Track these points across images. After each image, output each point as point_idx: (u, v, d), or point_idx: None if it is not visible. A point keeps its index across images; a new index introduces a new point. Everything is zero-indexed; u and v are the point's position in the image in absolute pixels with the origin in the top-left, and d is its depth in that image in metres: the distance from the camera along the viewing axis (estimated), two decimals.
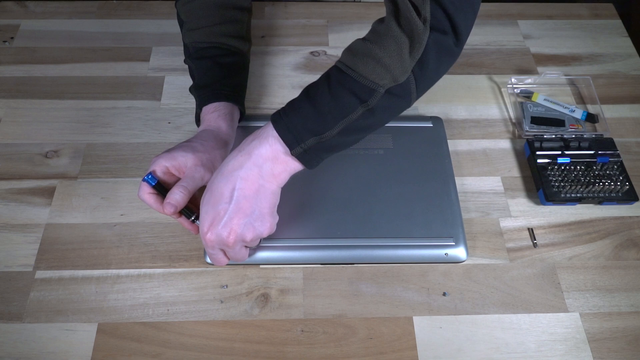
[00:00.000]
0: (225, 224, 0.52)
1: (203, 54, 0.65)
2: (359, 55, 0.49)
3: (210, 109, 0.63)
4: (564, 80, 0.82)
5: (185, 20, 0.66)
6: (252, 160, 0.51)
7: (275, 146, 0.51)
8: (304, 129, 0.50)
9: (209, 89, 0.64)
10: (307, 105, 0.51)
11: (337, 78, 0.50)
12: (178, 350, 0.56)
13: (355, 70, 0.49)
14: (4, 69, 0.80)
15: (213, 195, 0.52)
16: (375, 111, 0.50)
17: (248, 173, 0.51)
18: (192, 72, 0.67)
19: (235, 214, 0.52)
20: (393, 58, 0.48)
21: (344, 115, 0.50)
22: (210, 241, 0.53)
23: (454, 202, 0.65)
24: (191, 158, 0.57)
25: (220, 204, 0.52)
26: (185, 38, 0.67)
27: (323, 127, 0.50)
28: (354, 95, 0.49)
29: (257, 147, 0.51)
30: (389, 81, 0.49)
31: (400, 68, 0.49)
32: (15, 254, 0.62)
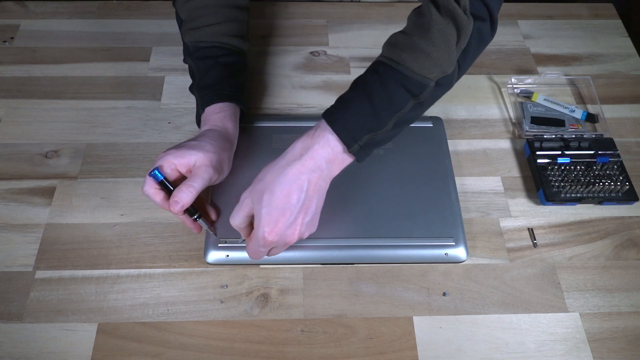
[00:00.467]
0: (290, 225, 0.53)
1: (204, 54, 0.65)
2: (406, 50, 0.50)
3: (214, 109, 0.63)
4: (564, 80, 0.82)
5: (185, 19, 0.66)
6: (316, 163, 0.52)
7: (336, 148, 0.53)
8: (361, 127, 0.52)
9: (211, 89, 0.64)
10: (362, 103, 0.52)
11: (388, 75, 0.51)
12: (178, 350, 0.56)
13: (405, 65, 0.50)
14: (4, 69, 0.80)
15: (276, 196, 0.52)
16: (423, 103, 0.53)
17: (312, 176, 0.52)
18: (192, 72, 0.67)
19: (299, 215, 0.53)
20: (441, 51, 0.49)
21: (396, 110, 0.52)
22: (271, 241, 0.53)
23: (454, 202, 0.65)
24: (201, 157, 0.57)
25: (287, 206, 0.52)
26: (185, 37, 0.67)
27: (378, 124, 0.52)
28: (407, 91, 0.51)
29: (318, 150, 0.52)
30: (437, 74, 0.51)
31: (448, 60, 0.50)
32: (15, 254, 0.62)
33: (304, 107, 0.78)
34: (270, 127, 0.72)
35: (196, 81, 0.66)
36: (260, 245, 0.54)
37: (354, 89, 0.54)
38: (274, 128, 0.72)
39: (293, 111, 0.77)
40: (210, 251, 0.61)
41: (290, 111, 0.77)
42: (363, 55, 0.84)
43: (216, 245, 0.61)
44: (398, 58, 0.51)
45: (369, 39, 0.87)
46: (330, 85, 0.80)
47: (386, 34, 0.87)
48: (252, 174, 0.66)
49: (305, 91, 0.80)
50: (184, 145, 0.58)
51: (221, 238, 0.61)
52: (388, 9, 0.91)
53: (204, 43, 0.65)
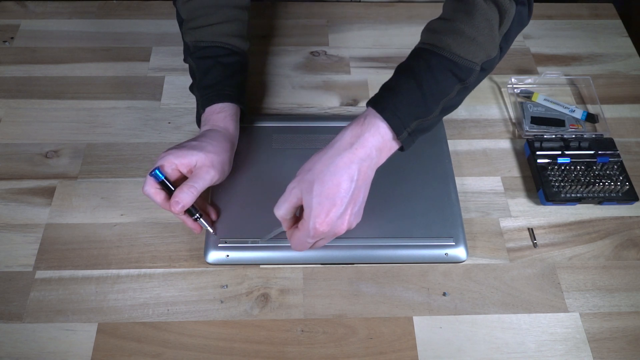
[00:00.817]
0: (341, 216, 0.51)
1: (205, 54, 0.65)
2: (451, 36, 0.51)
3: (215, 109, 0.63)
4: (564, 80, 0.82)
5: (185, 19, 0.66)
6: (367, 151, 0.51)
7: (386, 135, 0.52)
8: (410, 113, 0.52)
9: (212, 89, 0.64)
10: (411, 90, 0.52)
11: (435, 61, 0.51)
12: (178, 350, 0.56)
13: (451, 51, 0.51)
14: (4, 69, 0.80)
15: (327, 186, 0.50)
16: (468, 87, 0.54)
17: (362, 165, 0.51)
18: (192, 72, 0.67)
19: (349, 205, 0.52)
20: (486, 35, 0.50)
21: (443, 96, 0.52)
22: (321, 232, 0.52)
23: (454, 202, 0.65)
24: (202, 158, 0.57)
25: (338, 195, 0.51)
26: (185, 37, 0.67)
27: (427, 110, 0.52)
28: (454, 76, 0.52)
29: (369, 138, 0.51)
30: (482, 58, 0.52)
31: (492, 44, 0.51)
32: (15, 254, 0.62)
33: (304, 107, 0.78)
34: (270, 127, 0.72)
35: (196, 81, 0.66)
36: (310, 236, 0.52)
37: (401, 76, 0.53)
38: (274, 128, 0.72)
39: (293, 111, 0.77)
40: (210, 251, 0.61)
41: (290, 111, 0.77)
42: (363, 55, 0.84)
43: (216, 245, 0.61)
44: (442, 44, 0.51)
45: (369, 39, 0.87)
46: (330, 85, 0.80)
47: (386, 34, 0.87)
48: (252, 174, 0.67)
49: (305, 91, 0.80)
50: (185, 146, 0.58)
51: (221, 238, 0.61)
52: (388, 9, 0.91)
53: (205, 43, 0.65)
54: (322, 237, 0.53)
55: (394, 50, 0.85)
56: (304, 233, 0.52)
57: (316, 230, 0.51)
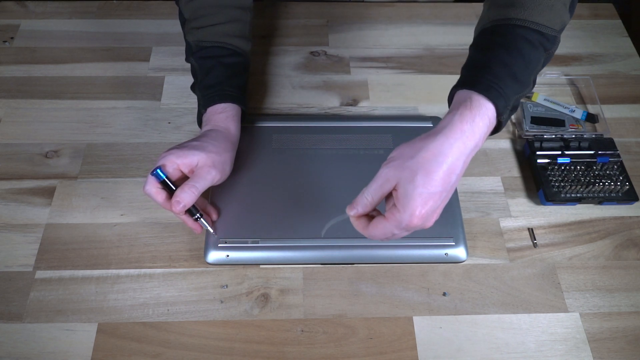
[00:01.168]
0: (435, 210, 0.47)
1: (207, 54, 0.65)
2: (529, 6, 0.50)
3: (217, 109, 0.63)
4: (564, 80, 0.82)
5: (188, 18, 0.66)
6: (476, 140, 0.48)
7: (492, 117, 0.49)
8: (512, 90, 0.49)
9: (214, 90, 0.64)
10: (508, 66, 0.49)
11: (520, 33, 0.50)
12: (178, 350, 0.56)
13: (534, 21, 0.50)
14: (4, 69, 0.80)
15: (432, 178, 0.46)
16: (550, 57, 0.52)
17: (469, 157, 0.48)
18: (194, 71, 0.67)
19: (444, 199, 0.48)
20: (560, 1, 0.50)
21: (535, 68, 0.51)
22: (415, 225, 0.47)
23: (454, 202, 0.65)
24: (204, 158, 0.57)
25: (442, 188, 0.46)
26: (187, 36, 0.67)
27: (523, 85, 0.50)
28: (541, 46, 0.51)
29: (479, 124, 0.48)
30: (560, 24, 0.51)
31: (565, 9, 0.51)
32: (15, 254, 0.62)
33: (304, 107, 0.78)
34: (270, 127, 0.72)
35: (198, 81, 0.66)
36: (402, 227, 0.47)
37: (490, 54, 0.51)
38: (274, 128, 0.72)
39: (293, 111, 0.77)
40: (210, 251, 0.61)
41: (290, 111, 0.77)
42: (363, 55, 0.84)
43: (216, 245, 0.61)
44: (524, 16, 0.50)
45: (369, 39, 0.87)
46: (330, 85, 0.80)
47: (386, 34, 0.87)
48: (253, 174, 0.67)
49: (305, 91, 0.80)
50: (187, 145, 0.58)
51: (221, 238, 0.61)
52: (388, 9, 0.91)
53: (207, 43, 0.65)
54: (413, 230, 0.49)
55: (394, 50, 0.85)
56: (394, 223, 0.47)
57: (410, 222, 0.46)
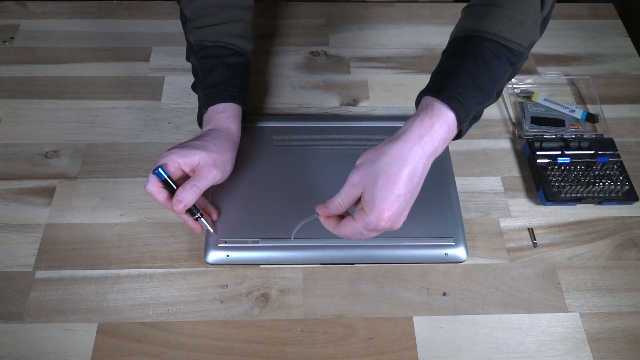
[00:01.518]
0: (402, 212, 0.50)
1: (208, 53, 0.65)
2: (500, 21, 0.51)
3: (218, 109, 0.63)
4: (564, 80, 0.82)
5: (189, 18, 0.66)
6: (434, 145, 0.50)
7: (452, 124, 0.51)
8: (473, 101, 0.51)
9: (215, 89, 0.64)
10: (472, 77, 0.51)
11: (488, 46, 0.52)
12: (178, 350, 0.56)
13: (503, 36, 0.51)
14: (4, 69, 0.80)
15: (393, 181, 0.48)
16: (516, 71, 0.55)
17: (428, 161, 0.50)
18: (195, 71, 0.67)
19: (410, 200, 0.50)
20: (532, 19, 0.52)
21: (498, 81, 0.53)
22: (382, 228, 0.49)
23: (454, 202, 0.65)
24: (205, 157, 0.57)
25: (403, 192, 0.48)
26: (189, 36, 0.67)
27: (486, 95, 0.52)
28: (507, 60, 0.52)
29: (438, 130, 0.50)
30: (530, 40, 0.53)
31: (535, 27, 0.53)
32: (15, 254, 0.62)
33: (304, 107, 0.78)
34: (270, 127, 0.72)
35: (199, 80, 0.66)
36: (370, 229, 0.49)
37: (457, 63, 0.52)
38: (274, 128, 0.72)
39: (293, 111, 0.77)
40: (210, 251, 0.61)
41: (290, 111, 0.77)
42: (363, 55, 0.84)
43: (216, 245, 0.61)
44: (493, 29, 0.51)
45: (369, 39, 0.87)
46: (330, 85, 0.80)
47: (386, 34, 0.87)
48: (253, 174, 0.67)
49: (305, 91, 0.80)
50: (188, 145, 0.58)
51: (221, 238, 0.61)
52: (388, 9, 0.91)
53: (209, 42, 0.65)
54: (381, 232, 0.51)
55: (394, 50, 0.85)
56: (361, 225, 0.50)
57: (377, 225, 0.49)
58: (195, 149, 0.57)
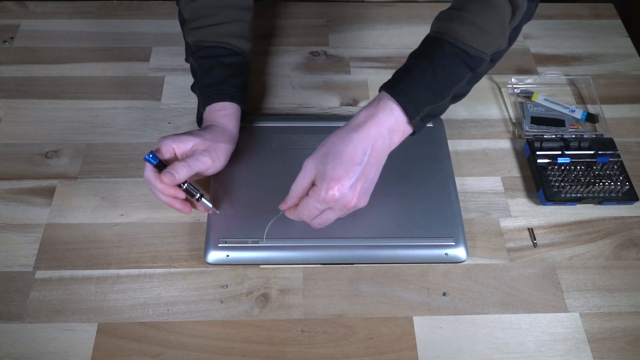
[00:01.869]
0: (352, 186, 0.52)
1: (206, 53, 0.65)
2: (465, 27, 0.53)
3: (215, 107, 0.64)
4: (564, 80, 0.82)
5: (188, 19, 0.66)
6: (380, 131, 0.53)
7: (399, 117, 0.54)
8: (423, 99, 0.54)
9: (213, 89, 0.64)
10: (425, 77, 0.54)
11: (447, 49, 0.54)
12: (178, 350, 0.56)
13: (464, 41, 0.53)
14: (4, 69, 0.80)
15: (340, 156, 0.52)
16: (478, 76, 0.57)
17: (376, 142, 0.53)
18: (194, 71, 0.67)
19: (360, 178, 0.52)
20: (497, 28, 0.54)
21: (455, 84, 0.55)
22: (332, 198, 0.52)
23: (454, 202, 0.65)
24: (198, 143, 0.58)
25: (352, 164, 0.52)
26: (187, 36, 0.67)
27: (439, 96, 0.55)
28: (466, 65, 0.54)
29: (383, 118, 0.53)
30: (493, 49, 0.55)
31: (502, 37, 0.55)
32: (15, 254, 0.62)
33: (304, 107, 0.78)
34: (270, 127, 0.72)
35: (198, 80, 0.66)
36: (320, 200, 0.52)
37: (415, 62, 0.55)
38: (274, 128, 0.72)
39: (293, 111, 0.77)
40: (210, 251, 0.61)
41: (290, 111, 0.77)
42: (363, 55, 0.84)
43: (216, 245, 0.61)
44: (456, 34, 0.54)
45: (369, 39, 0.87)
46: (330, 85, 0.80)
47: (386, 34, 0.87)
48: (253, 174, 0.67)
49: (305, 91, 0.80)
50: (183, 133, 0.60)
51: (221, 238, 0.61)
52: (388, 9, 0.91)
53: (207, 43, 0.65)
54: (332, 204, 0.53)
55: (394, 50, 0.85)
56: (314, 199, 0.53)
57: (327, 195, 0.51)
58: (189, 135, 0.59)
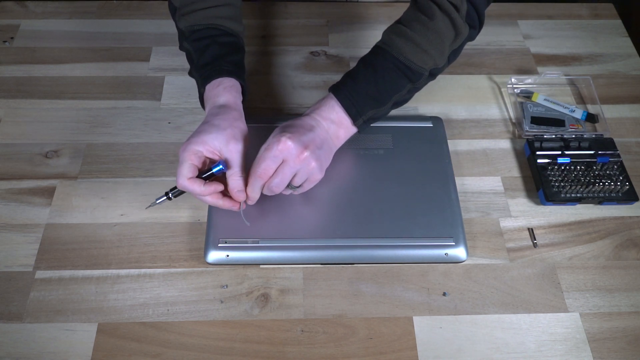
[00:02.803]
0: (303, 141, 0.57)
1: (201, 35, 0.64)
2: (408, 44, 0.60)
3: (215, 84, 0.62)
4: (564, 80, 0.82)
5: (179, 6, 0.66)
6: (324, 119, 0.60)
7: (341, 114, 0.61)
8: (365, 104, 0.61)
9: (210, 67, 0.63)
10: (368, 84, 0.60)
11: (391, 61, 0.60)
12: (178, 350, 0.56)
13: (406, 56, 0.60)
14: (4, 69, 0.80)
15: (290, 125, 0.58)
16: (418, 88, 0.63)
17: (323, 124, 0.60)
18: (189, 55, 0.66)
19: (311, 141, 0.57)
20: (437, 49, 0.60)
21: (395, 92, 0.61)
22: (285, 147, 0.56)
23: (454, 202, 0.65)
24: (222, 137, 0.57)
25: (301, 128, 0.58)
26: (180, 23, 0.66)
27: (380, 102, 0.61)
28: (406, 77, 0.61)
29: (326, 112, 0.61)
30: (431, 66, 0.61)
31: (441, 57, 0.61)
32: (15, 254, 0.62)
33: (304, 107, 0.78)
34: (270, 127, 0.71)
35: (194, 63, 0.65)
36: (274, 150, 0.56)
37: (361, 69, 0.61)
38: (274, 128, 0.71)
39: (293, 111, 0.77)
40: (210, 251, 0.61)
41: (290, 111, 0.77)
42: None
43: (216, 245, 0.61)
44: (400, 49, 0.60)
45: (369, 39, 0.87)
46: (330, 85, 0.80)
47: None
48: None
49: (305, 91, 0.80)
50: (200, 132, 0.57)
51: (221, 238, 0.61)
52: (388, 9, 0.91)
53: (199, 26, 0.65)
54: (286, 154, 0.56)
55: None
56: (269, 150, 0.56)
57: (280, 143, 0.56)
58: (208, 133, 0.57)
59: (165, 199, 0.59)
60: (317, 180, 0.60)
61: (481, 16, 0.61)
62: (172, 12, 0.68)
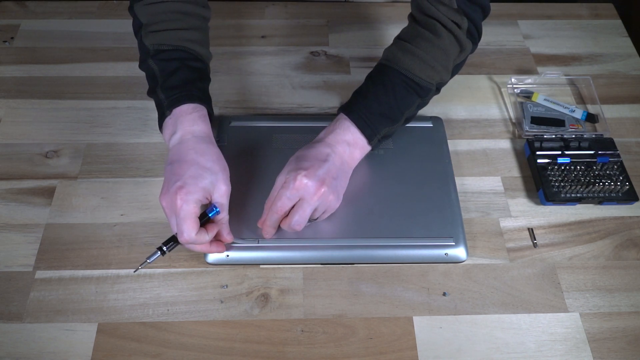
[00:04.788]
0: (320, 176, 0.57)
1: (169, 56, 0.62)
2: (415, 61, 0.61)
3: (187, 109, 0.59)
4: (564, 80, 0.82)
5: (146, 23, 0.63)
6: (339, 141, 0.60)
7: (356, 135, 0.61)
8: (379, 123, 0.61)
9: (180, 90, 0.60)
10: (379, 102, 0.61)
11: (400, 79, 0.61)
12: (178, 350, 0.56)
13: (414, 73, 0.61)
14: (4, 69, 0.80)
15: (305, 156, 0.58)
16: (425, 102, 0.64)
17: (338, 148, 0.60)
18: (153, 74, 0.63)
19: (327, 173, 0.58)
20: (442, 65, 0.61)
21: (407, 108, 0.62)
22: (302, 185, 0.56)
23: (454, 202, 0.65)
24: (216, 181, 0.56)
25: (317, 160, 0.58)
26: (146, 40, 0.63)
27: (394, 120, 0.62)
28: (415, 93, 0.62)
29: (341, 134, 0.61)
30: (438, 80, 0.62)
31: (446, 72, 0.63)
32: (15, 254, 0.62)
33: (304, 107, 0.78)
34: (270, 127, 0.72)
35: (159, 83, 0.61)
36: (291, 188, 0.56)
37: (372, 88, 0.62)
38: (274, 128, 0.72)
39: (293, 111, 0.77)
40: None
41: (290, 111, 0.77)
42: (363, 55, 0.84)
43: None
44: (408, 66, 0.61)
45: (369, 39, 0.87)
46: (330, 85, 0.80)
47: (386, 34, 0.88)
48: (253, 174, 0.67)
49: (305, 91, 0.80)
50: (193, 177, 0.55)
51: None
52: (388, 9, 0.91)
53: (167, 46, 0.62)
54: (302, 192, 0.56)
55: None
56: (286, 188, 0.56)
57: (296, 181, 0.56)
58: (202, 179, 0.55)
59: (159, 255, 0.57)
60: (335, 208, 0.61)
61: (479, 30, 0.62)
62: (137, 28, 0.64)
